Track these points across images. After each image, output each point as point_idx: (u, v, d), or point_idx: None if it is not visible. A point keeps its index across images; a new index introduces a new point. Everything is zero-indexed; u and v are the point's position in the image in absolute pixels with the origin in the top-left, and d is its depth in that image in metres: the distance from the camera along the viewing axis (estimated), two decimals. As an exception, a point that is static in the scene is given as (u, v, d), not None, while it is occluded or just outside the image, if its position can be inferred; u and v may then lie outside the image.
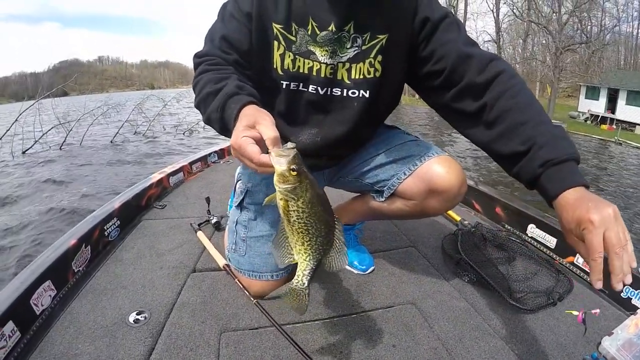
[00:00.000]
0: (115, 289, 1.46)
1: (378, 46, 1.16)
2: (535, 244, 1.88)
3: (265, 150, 0.82)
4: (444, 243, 1.75)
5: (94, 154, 7.53)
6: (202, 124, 10.56)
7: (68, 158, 7.46)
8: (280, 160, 0.79)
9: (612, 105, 24.50)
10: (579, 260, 1.66)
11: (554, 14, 29.55)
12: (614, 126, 22.39)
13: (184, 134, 9.63)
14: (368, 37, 1.15)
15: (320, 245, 0.89)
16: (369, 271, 1.56)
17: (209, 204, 2.12)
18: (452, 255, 1.64)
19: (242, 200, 1.40)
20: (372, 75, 1.18)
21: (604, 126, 22.94)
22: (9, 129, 8.49)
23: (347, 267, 1.58)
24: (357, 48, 1.16)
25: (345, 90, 1.20)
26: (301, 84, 1.19)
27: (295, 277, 0.92)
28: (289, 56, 1.15)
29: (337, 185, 1.55)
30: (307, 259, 0.90)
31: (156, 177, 2.57)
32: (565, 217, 0.79)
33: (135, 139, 9.17)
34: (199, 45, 1.21)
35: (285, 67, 1.16)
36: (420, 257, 1.72)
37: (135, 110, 10.22)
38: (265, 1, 1.13)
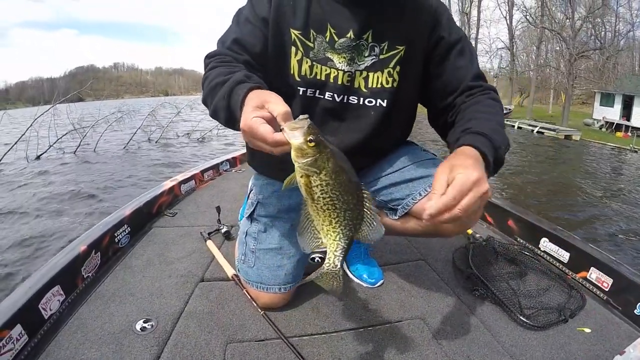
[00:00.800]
0: (124, 296, 1.48)
1: (397, 57, 1.16)
2: (548, 258, 1.85)
3: (278, 129, 0.78)
4: (455, 257, 1.73)
5: (107, 160, 7.63)
6: (215, 131, 10.66)
7: (82, 163, 7.56)
8: (295, 134, 0.75)
9: (627, 112, 24.10)
10: (591, 275, 1.63)
11: (568, 20, 29.34)
12: (629, 133, 21.99)
13: (198, 140, 9.71)
14: (386, 47, 1.15)
15: (349, 219, 0.83)
16: (378, 285, 1.55)
17: (219, 213, 2.13)
18: (462, 270, 1.62)
19: (253, 212, 1.40)
20: (390, 85, 1.18)
21: (619, 133, 22.55)
22: (24, 134, 8.62)
23: (356, 280, 1.57)
24: (374, 57, 1.16)
25: (361, 99, 1.19)
26: (318, 91, 1.18)
27: (327, 260, 0.86)
28: (307, 62, 1.15)
29: None
30: (337, 238, 0.84)
31: (168, 184, 2.59)
32: (450, 159, 0.87)
33: (148, 145, 9.27)
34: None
35: (303, 73, 1.16)
36: (430, 270, 1.70)
37: (149, 118, 10.33)
38: (283, 7, 1.13)
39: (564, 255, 1.77)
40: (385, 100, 1.19)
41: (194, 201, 2.60)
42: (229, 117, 0.94)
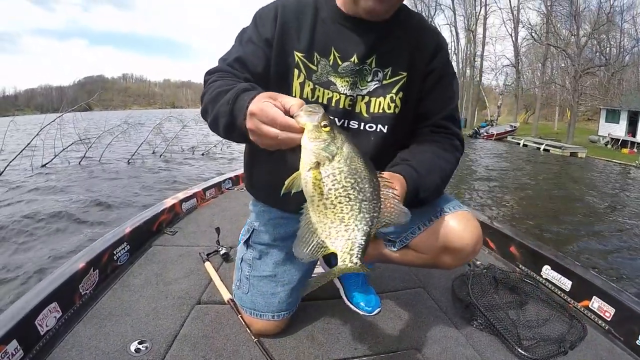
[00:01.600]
0: (120, 316, 1.48)
1: (400, 83, 1.16)
2: (550, 286, 1.82)
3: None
4: (455, 285, 1.71)
5: (111, 173, 7.65)
6: (219, 146, 10.70)
7: (85, 175, 7.59)
8: (310, 116, 0.73)
9: (632, 128, 23.95)
10: (593, 304, 1.61)
11: (573, 37, 29.45)
12: (635, 150, 21.86)
13: (202, 154, 9.76)
14: (389, 73, 1.15)
15: (366, 212, 0.75)
16: (374, 313, 1.53)
17: (218, 234, 2.13)
18: (461, 299, 1.60)
19: (249, 238, 1.40)
20: (391, 111, 1.17)
21: (624, 150, 22.38)
22: (29, 143, 8.66)
23: (353, 308, 1.55)
24: (377, 82, 1.16)
25: (362, 124, 1.18)
26: None
27: (340, 261, 0.76)
28: (309, 85, 1.15)
29: None
30: (352, 236, 0.75)
31: (169, 202, 2.60)
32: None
33: (153, 159, 9.31)
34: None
35: (304, 96, 1.15)
36: (429, 299, 1.68)
37: (154, 131, 10.41)
38: (288, 28, 1.14)
39: (566, 284, 1.76)
40: (386, 127, 1.18)
41: (194, 220, 2.60)
42: (230, 123, 0.91)
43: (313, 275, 1.66)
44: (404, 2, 1.17)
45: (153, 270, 1.89)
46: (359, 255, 0.75)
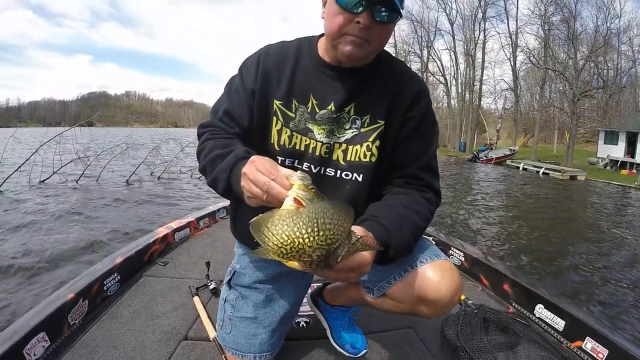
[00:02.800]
0: (107, 348, 1.48)
1: (378, 131, 1.15)
2: (543, 325, 1.80)
3: None
4: (444, 326, 1.68)
5: (107, 193, 7.62)
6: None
7: (82, 194, 7.56)
8: (302, 178, 0.81)
9: (631, 149, 24.06)
10: (587, 345, 1.59)
11: (570, 60, 29.87)
12: (634, 170, 21.88)
13: (200, 178, 9.77)
14: (367, 121, 1.15)
15: (330, 233, 0.72)
16: (360, 355, 1.50)
17: (208, 268, 2.11)
18: (450, 341, 1.57)
19: (230, 279, 1.39)
20: (367, 159, 1.16)
21: (623, 171, 22.40)
22: (28, 159, 8.70)
23: (339, 349, 1.53)
24: (355, 130, 1.15)
25: (339, 172, 1.17)
26: (296, 161, 1.18)
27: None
28: (286, 132, 1.15)
29: None
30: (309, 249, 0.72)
31: (162, 232, 2.59)
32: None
33: (150, 180, 9.31)
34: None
35: (282, 142, 1.16)
36: (417, 340, 1.66)
37: (153, 152, 10.47)
38: (269, 77, 1.15)
39: (559, 323, 1.74)
40: (362, 175, 1.17)
41: (186, 250, 2.59)
42: (228, 189, 0.97)
43: (300, 314, 1.65)
44: (388, 50, 1.19)
45: (142, 302, 1.89)
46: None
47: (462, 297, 1.95)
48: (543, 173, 20.89)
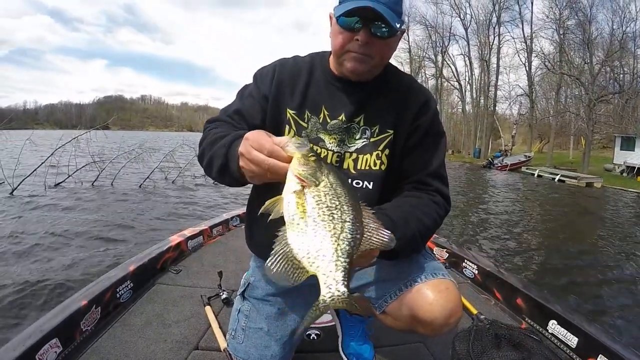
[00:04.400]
0: (119, 356, 1.50)
1: (387, 140, 1.19)
2: (556, 341, 1.78)
3: None
4: (456, 341, 1.66)
5: (122, 197, 7.68)
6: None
7: (97, 198, 7.65)
8: (299, 146, 0.77)
9: (648, 155, 23.52)
10: (601, 363, 1.55)
11: (586, 65, 29.42)
12: (651, 177, 21.35)
13: (214, 183, 9.82)
14: (377, 130, 1.19)
15: (348, 232, 0.72)
16: (365, 367, 1.50)
17: (220, 278, 2.13)
18: (461, 357, 1.55)
19: (244, 291, 1.41)
20: (377, 168, 1.19)
21: (640, 178, 21.93)
22: (44, 162, 8.87)
23: (345, 359, 1.53)
24: (365, 139, 1.19)
25: (350, 180, 1.19)
26: None
27: (325, 289, 0.70)
28: None
29: None
30: (335, 257, 0.70)
31: (175, 240, 2.61)
32: None
33: (164, 185, 9.39)
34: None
35: None
36: (427, 355, 1.65)
37: (168, 157, 10.56)
38: (283, 87, 1.20)
39: (572, 340, 1.71)
40: (372, 183, 1.20)
41: (199, 259, 2.61)
42: (224, 165, 0.96)
43: (312, 327, 1.65)
44: (395, 65, 1.24)
45: (154, 310, 1.91)
46: (345, 282, 0.70)
47: (475, 311, 1.94)
48: (559, 180, 20.53)
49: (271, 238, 0.75)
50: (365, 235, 0.75)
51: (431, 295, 1.08)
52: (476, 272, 2.43)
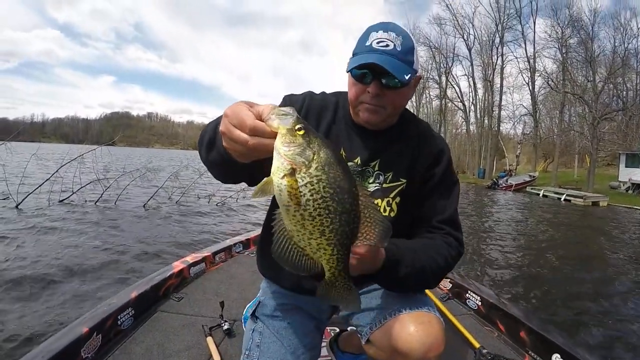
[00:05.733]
0: None
1: (399, 189, 1.20)
2: (559, 376, 1.75)
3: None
4: (458, 376, 1.65)
5: (125, 217, 7.62)
6: (235, 196, 10.78)
7: (100, 217, 7.62)
8: (283, 119, 0.68)
9: (654, 172, 23.37)
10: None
11: (589, 82, 29.55)
12: (657, 195, 21.17)
13: (217, 204, 9.79)
14: (390, 177, 1.20)
15: (346, 224, 0.70)
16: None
17: (222, 308, 2.11)
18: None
19: (255, 310, 1.38)
20: (387, 214, 1.20)
21: (645, 195, 21.71)
22: (48, 178, 8.89)
23: None
24: (378, 184, 1.20)
25: None
26: None
27: (327, 275, 0.74)
28: None
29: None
30: (335, 251, 0.71)
31: (177, 266, 2.61)
32: None
33: (168, 205, 9.38)
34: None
35: None
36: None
37: (172, 177, 10.59)
38: (310, 118, 1.22)
39: (576, 375, 1.68)
40: None
41: (201, 286, 2.60)
42: (212, 138, 0.94)
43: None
44: (411, 112, 1.27)
45: (155, 338, 1.90)
46: (344, 273, 0.74)
47: (477, 344, 1.92)
48: (564, 200, 20.40)
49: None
50: (362, 222, 0.74)
51: (412, 326, 1.07)
52: (479, 303, 2.40)
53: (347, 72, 1.10)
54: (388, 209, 1.20)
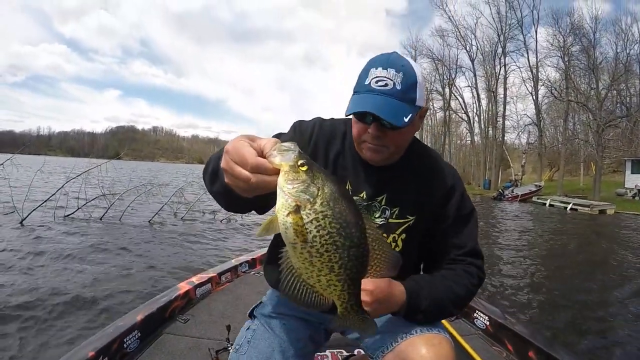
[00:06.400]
0: None
1: (405, 225, 1.18)
2: (569, 398, 1.72)
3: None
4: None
5: (131, 234, 7.62)
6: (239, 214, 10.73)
7: (105, 232, 7.69)
8: (285, 155, 0.68)
9: (660, 178, 23.26)
10: None
11: (592, 90, 29.52)
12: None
13: (221, 221, 9.74)
14: (397, 213, 1.18)
15: (355, 258, 0.70)
16: None
17: (229, 331, 2.10)
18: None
19: (254, 309, 1.38)
20: None
21: (653, 201, 21.54)
22: (54, 194, 8.90)
23: None
24: (384, 219, 1.18)
25: None
26: None
27: (339, 312, 0.75)
28: None
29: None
30: (345, 287, 0.71)
31: (183, 288, 2.60)
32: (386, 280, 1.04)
33: (173, 221, 9.41)
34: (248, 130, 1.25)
35: None
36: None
37: (177, 193, 10.61)
38: (318, 149, 1.20)
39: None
40: None
41: (207, 307, 2.59)
42: (215, 170, 0.92)
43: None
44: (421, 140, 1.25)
45: None
46: (357, 307, 0.75)
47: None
48: (571, 209, 20.27)
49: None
50: (371, 255, 0.74)
51: (423, 349, 1.06)
52: (487, 323, 2.38)
53: (346, 115, 1.08)
54: (393, 244, 1.19)
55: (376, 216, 1.19)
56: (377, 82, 1.03)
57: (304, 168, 0.67)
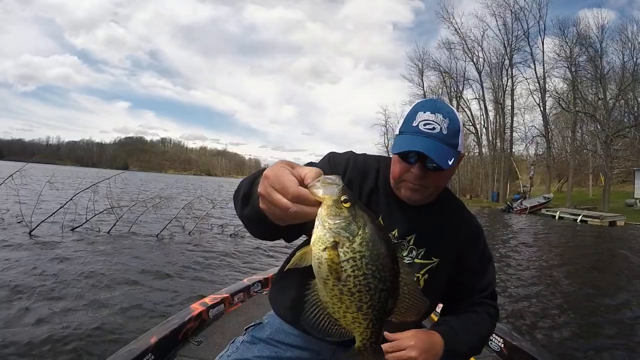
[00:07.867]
0: None
1: (429, 267, 1.21)
2: None
3: None
4: None
5: (139, 248, 7.65)
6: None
7: (113, 246, 7.67)
8: (328, 189, 0.66)
9: (670, 187, 22.98)
10: None
11: (600, 100, 29.36)
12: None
13: (230, 235, 9.71)
14: (423, 254, 1.21)
15: (384, 301, 0.68)
16: None
17: None
18: None
19: (250, 328, 1.34)
20: None
21: (663, 211, 21.30)
22: (63, 206, 8.92)
23: None
24: (410, 259, 1.20)
25: None
26: None
27: (357, 345, 0.74)
28: None
29: None
30: (369, 325, 0.70)
31: (196, 309, 2.59)
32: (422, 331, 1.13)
33: (181, 235, 9.40)
34: (258, 141, 1.23)
35: None
36: None
37: (186, 207, 10.61)
38: (352, 183, 1.21)
39: None
40: None
41: (220, 328, 2.58)
42: (247, 194, 0.91)
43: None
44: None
45: None
46: (376, 344, 0.74)
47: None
48: (581, 221, 20.07)
49: (296, 303, 0.79)
50: (400, 298, 0.73)
51: None
52: (502, 345, 2.35)
53: (394, 154, 1.11)
54: None
55: (404, 254, 1.21)
56: (425, 125, 1.07)
57: (347, 205, 0.66)
